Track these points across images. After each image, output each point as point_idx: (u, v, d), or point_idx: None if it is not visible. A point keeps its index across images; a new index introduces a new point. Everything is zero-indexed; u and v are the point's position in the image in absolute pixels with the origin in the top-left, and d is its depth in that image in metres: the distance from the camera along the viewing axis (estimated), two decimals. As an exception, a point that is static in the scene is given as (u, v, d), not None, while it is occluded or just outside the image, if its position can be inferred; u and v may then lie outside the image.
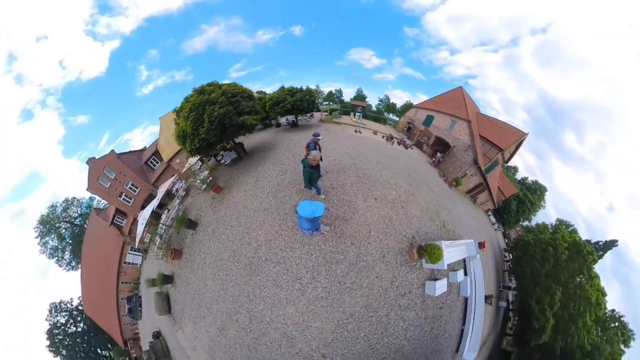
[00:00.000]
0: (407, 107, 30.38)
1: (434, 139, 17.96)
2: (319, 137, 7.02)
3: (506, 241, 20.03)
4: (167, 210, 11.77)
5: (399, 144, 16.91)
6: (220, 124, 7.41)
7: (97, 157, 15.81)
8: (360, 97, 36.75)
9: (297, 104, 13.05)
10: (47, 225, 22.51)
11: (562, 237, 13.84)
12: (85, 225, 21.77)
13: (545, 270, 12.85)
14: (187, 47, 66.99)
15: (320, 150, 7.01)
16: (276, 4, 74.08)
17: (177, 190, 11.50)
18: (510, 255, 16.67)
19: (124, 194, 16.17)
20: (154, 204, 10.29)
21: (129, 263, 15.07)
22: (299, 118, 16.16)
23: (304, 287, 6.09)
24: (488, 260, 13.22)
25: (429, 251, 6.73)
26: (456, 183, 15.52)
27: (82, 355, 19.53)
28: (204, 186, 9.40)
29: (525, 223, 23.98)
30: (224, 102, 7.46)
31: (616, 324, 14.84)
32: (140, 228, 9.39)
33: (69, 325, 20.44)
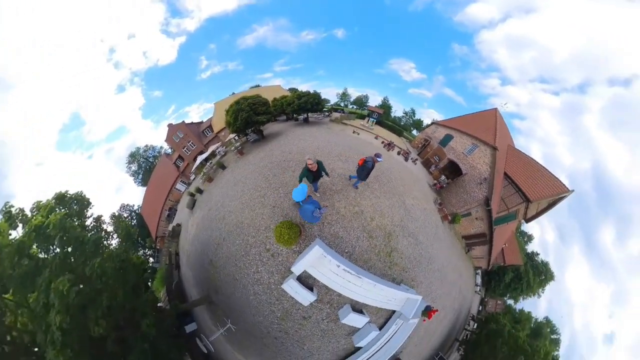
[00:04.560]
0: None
1: (446, 161, 15.97)
2: (380, 160, 7.28)
3: (480, 309, 17.63)
4: (210, 162, 19.59)
5: (398, 154, 16.45)
6: (245, 121, 14.50)
7: (173, 123, 25.64)
8: (385, 106, 38.41)
9: (302, 105, 17.21)
10: (133, 157, 35.98)
11: (544, 353, 11.27)
12: (156, 162, 33.53)
13: None
14: (239, 42, 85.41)
15: (373, 168, 7.56)
16: (321, 7, 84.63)
17: (219, 152, 19.10)
18: (476, 326, 14.42)
19: (185, 148, 25.36)
20: (205, 155, 18.14)
21: (177, 189, 24.10)
22: (312, 116, 20.62)
23: (242, 192, 10.65)
24: (441, 323, 11.37)
25: (279, 227, 6.63)
26: (452, 219, 12.73)
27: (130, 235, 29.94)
28: (235, 150, 16.70)
29: (510, 301, 20.99)
30: (247, 109, 14.46)
31: None
32: (197, 162, 17.32)
33: (128, 218, 31.64)
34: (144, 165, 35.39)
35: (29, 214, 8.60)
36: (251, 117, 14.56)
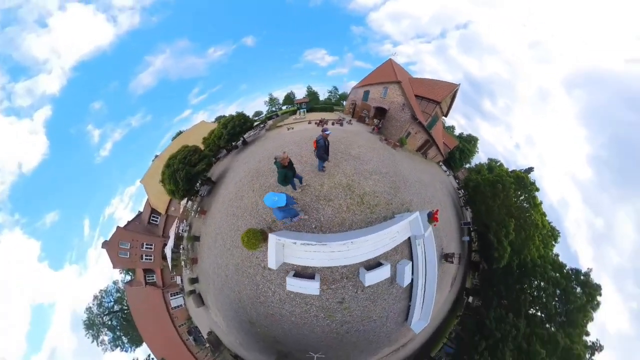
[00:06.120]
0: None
1: (373, 110, 19.22)
2: (328, 132, 7.35)
3: (457, 181, 24.30)
4: (181, 246, 16.89)
5: (333, 124, 18.14)
6: (186, 178, 13.09)
7: (107, 240, 18.74)
8: (311, 93, 39.35)
9: (231, 132, 16.48)
10: (94, 327, 25.07)
11: (505, 173, 15.62)
12: (124, 305, 24.65)
13: (498, 204, 14.13)
14: (135, 86, 58.68)
15: (328, 143, 7.63)
16: (221, 17, 74.15)
17: (182, 229, 16.73)
18: (463, 191, 19.73)
19: (143, 255, 19.54)
20: (171, 243, 15.73)
21: (176, 307, 18.89)
22: (249, 135, 19.70)
23: (224, 240, 10.18)
24: (447, 210, 13.44)
25: (241, 237, 7.09)
26: (400, 143, 15.58)
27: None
28: (196, 215, 14.99)
29: (467, 165, 30.03)
30: (182, 167, 13.09)
31: (548, 228, 15.99)
32: (168, 258, 14.84)
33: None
34: (114, 322, 25.68)
35: None
36: (189, 172, 13.30)
